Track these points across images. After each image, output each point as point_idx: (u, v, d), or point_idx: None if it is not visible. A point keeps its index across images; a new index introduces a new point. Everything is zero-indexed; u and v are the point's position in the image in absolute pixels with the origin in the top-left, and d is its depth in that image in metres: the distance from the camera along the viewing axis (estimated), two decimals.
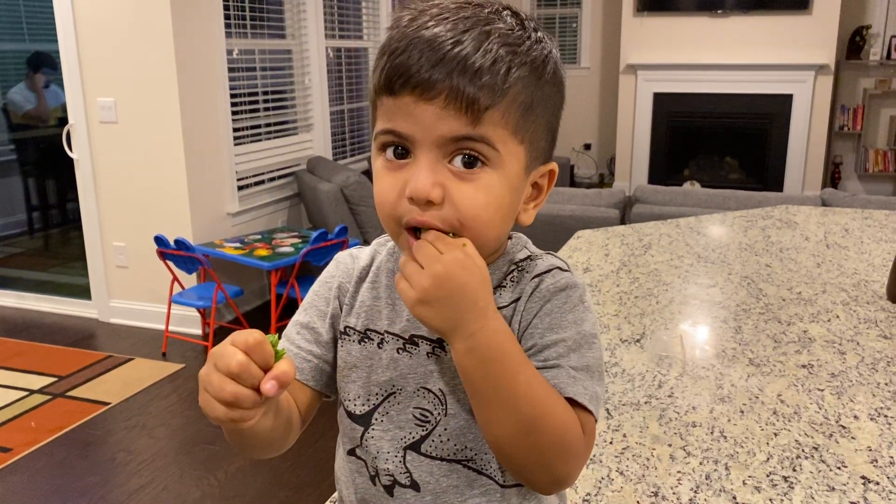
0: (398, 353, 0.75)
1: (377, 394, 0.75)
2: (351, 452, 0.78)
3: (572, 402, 0.67)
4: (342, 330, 0.79)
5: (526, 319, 0.72)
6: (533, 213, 0.75)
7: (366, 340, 0.77)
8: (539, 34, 0.70)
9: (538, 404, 0.65)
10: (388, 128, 0.67)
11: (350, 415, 0.77)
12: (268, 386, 0.58)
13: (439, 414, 0.73)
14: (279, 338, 0.65)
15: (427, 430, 0.74)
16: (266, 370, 0.59)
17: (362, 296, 0.79)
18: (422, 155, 0.66)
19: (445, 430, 0.73)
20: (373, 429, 0.75)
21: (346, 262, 0.82)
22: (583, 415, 0.68)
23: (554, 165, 0.75)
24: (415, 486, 0.74)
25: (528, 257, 0.77)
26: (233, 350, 0.59)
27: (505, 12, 0.69)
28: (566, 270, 0.75)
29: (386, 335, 0.76)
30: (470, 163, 0.66)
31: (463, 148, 0.66)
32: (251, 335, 0.59)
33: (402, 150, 0.68)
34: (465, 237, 0.67)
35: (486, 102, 0.64)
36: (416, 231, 0.67)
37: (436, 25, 0.65)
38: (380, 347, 0.76)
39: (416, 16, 0.67)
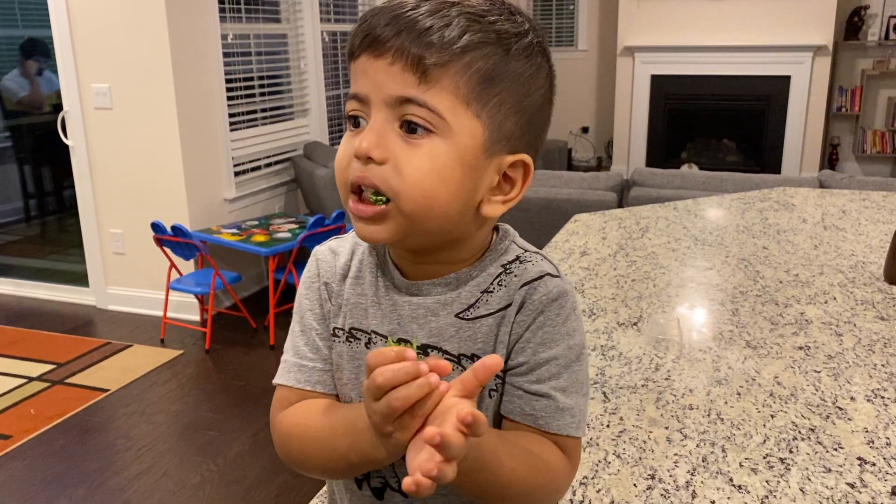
0: None
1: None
2: None
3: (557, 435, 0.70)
4: (331, 332, 0.76)
5: (517, 332, 0.71)
6: (501, 207, 0.71)
7: (352, 340, 0.75)
8: (517, 18, 0.69)
9: (526, 481, 0.67)
10: (351, 92, 0.68)
11: None
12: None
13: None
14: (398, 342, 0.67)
15: None
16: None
17: (347, 293, 0.76)
18: (374, 115, 0.67)
19: None
20: None
21: (327, 260, 0.79)
22: (570, 441, 0.70)
23: (525, 157, 0.70)
24: (405, 493, 0.73)
25: (517, 258, 0.74)
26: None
27: None
28: (556, 276, 0.73)
29: (373, 335, 0.74)
30: (412, 129, 0.66)
31: (408, 113, 0.65)
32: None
33: (362, 119, 0.68)
34: (403, 205, 0.66)
35: (431, 60, 0.64)
36: (359, 192, 0.68)
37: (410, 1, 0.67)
38: (367, 347, 0.74)
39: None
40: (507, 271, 0.73)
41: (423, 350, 0.72)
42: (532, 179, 0.72)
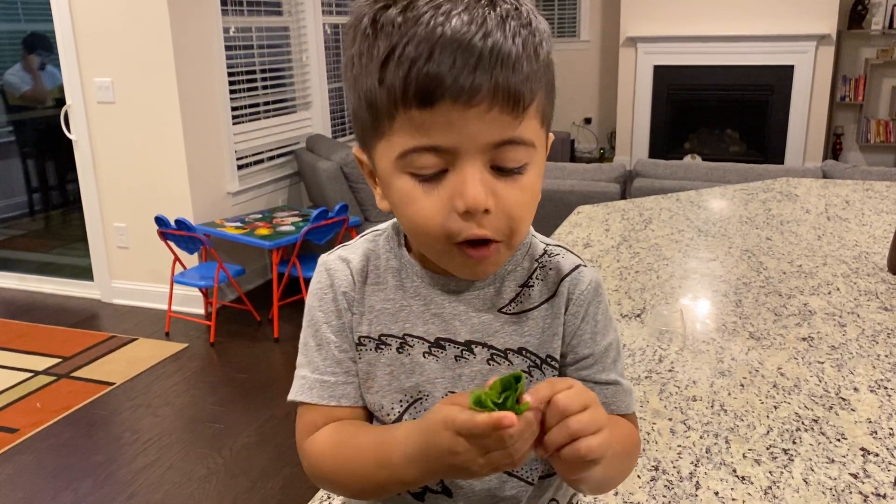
0: (424, 356, 0.71)
1: (401, 400, 0.72)
2: None
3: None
4: (357, 341, 0.74)
5: (573, 324, 0.73)
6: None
7: (382, 347, 0.73)
8: (528, 4, 0.65)
9: (623, 454, 0.71)
10: (426, 144, 0.60)
11: (381, 424, 0.74)
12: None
13: None
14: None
15: None
16: None
17: (369, 300, 0.74)
18: (466, 164, 0.61)
19: None
20: None
21: (339, 269, 0.74)
22: (634, 416, 0.76)
23: (551, 136, 0.71)
24: (447, 491, 0.73)
25: (545, 252, 0.75)
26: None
27: None
28: (585, 265, 0.75)
29: (407, 338, 0.72)
30: (509, 170, 0.62)
31: (504, 156, 0.61)
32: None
33: (440, 171, 0.62)
34: (515, 241, 0.66)
35: (529, 97, 0.60)
36: (473, 243, 0.64)
37: (448, 16, 0.58)
38: (399, 352, 0.72)
39: (403, 17, 0.59)
40: (542, 265, 0.74)
41: (468, 346, 0.71)
42: None
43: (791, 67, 6.85)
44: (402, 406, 0.72)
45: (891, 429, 1.09)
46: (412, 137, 0.60)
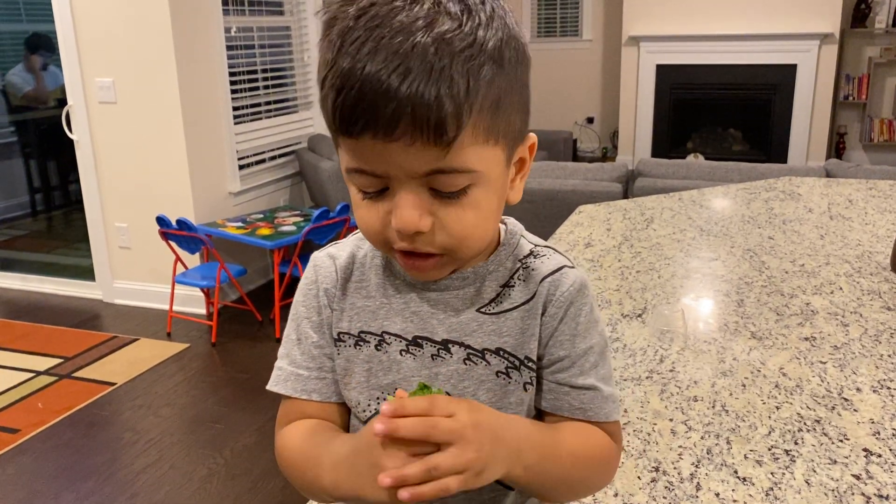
0: (401, 354, 0.72)
1: (378, 397, 0.73)
2: None
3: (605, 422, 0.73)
4: (336, 337, 0.75)
5: (550, 325, 0.72)
6: (520, 186, 0.71)
7: (361, 344, 0.74)
8: (487, 6, 0.61)
9: (585, 463, 0.71)
10: (358, 167, 0.62)
11: (361, 421, 0.75)
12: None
13: None
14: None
15: None
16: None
17: (351, 297, 0.75)
18: (399, 187, 0.62)
19: None
20: None
21: (325, 266, 0.76)
22: (615, 425, 0.73)
23: (533, 138, 0.70)
24: None
25: (531, 253, 0.74)
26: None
27: None
28: (572, 266, 0.74)
29: (384, 336, 0.73)
30: (449, 194, 0.62)
31: (438, 184, 0.61)
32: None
33: (380, 190, 0.63)
34: (459, 255, 0.66)
35: (452, 131, 0.58)
36: (410, 253, 0.65)
37: (374, 52, 0.57)
38: (378, 349, 0.73)
39: (349, 27, 0.59)
40: (525, 266, 0.73)
41: (445, 345, 0.71)
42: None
43: (794, 66, 6.83)
44: (378, 403, 0.73)
45: (894, 429, 1.08)
46: (350, 159, 0.62)
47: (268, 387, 0.78)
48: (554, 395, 0.72)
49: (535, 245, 0.76)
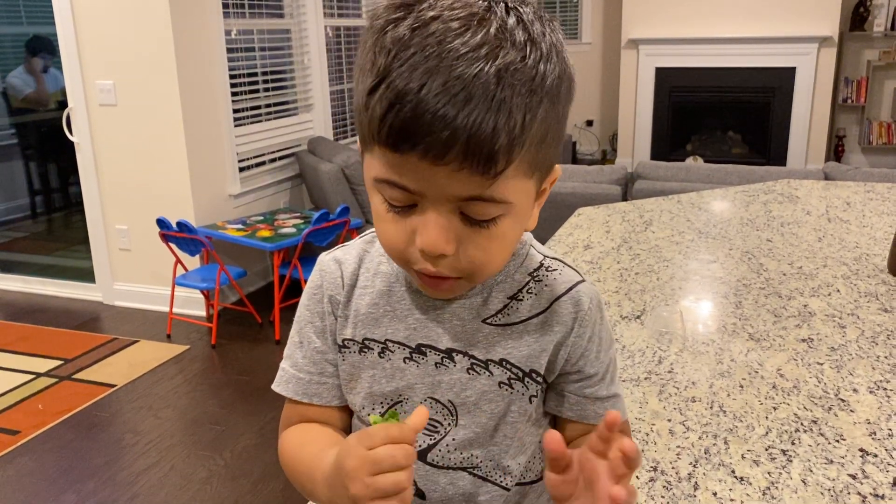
0: (405, 362, 0.72)
1: (381, 403, 0.73)
2: None
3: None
4: (340, 343, 0.75)
5: (579, 345, 0.73)
6: (536, 214, 0.70)
7: (365, 350, 0.74)
8: (548, 38, 0.61)
9: None
10: (393, 180, 0.60)
11: (365, 425, 0.75)
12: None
13: (449, 424, 0.72)
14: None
15: (435, 439, 0.73)
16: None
17: (356, 304, 0.75)
18: (430, 207, 0.60)
19: (454, 440, 0.72)
20: None
21: (331, 271, 0.76)
22: (625, 424, 0.75)
23: (559, 171, 0.69)
24: (420, 494, 0.74)
25: (542, 265, 0.74)
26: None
27: (510, 21, 0.59)
28: (584, 280, 0.75)
29: (388, 343, 0.73)
30: (478, 221, 0.61)
31: (473, 210, 0.60)
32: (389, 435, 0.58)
33: (408, 205, 0.62)
34: (478, 279, 0.66)
35: (502, 164, 0.58)
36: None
37: (433, 73, 0.55)
38: (381, 356, 0.73)
39: (405, 38, 0.57)
40: (536, 279, 0.73)
41: (449, 354, 0.71)
42: None
43: (793, 69, 6.84)
44: (382, 409, 0.73)
45: (890, 430, 1.09)
46: (385, 170, 0.60)
47: (272, 386, 0.79)
48: (580, 406, 0.74)
49: (545, 257, 0.75)
